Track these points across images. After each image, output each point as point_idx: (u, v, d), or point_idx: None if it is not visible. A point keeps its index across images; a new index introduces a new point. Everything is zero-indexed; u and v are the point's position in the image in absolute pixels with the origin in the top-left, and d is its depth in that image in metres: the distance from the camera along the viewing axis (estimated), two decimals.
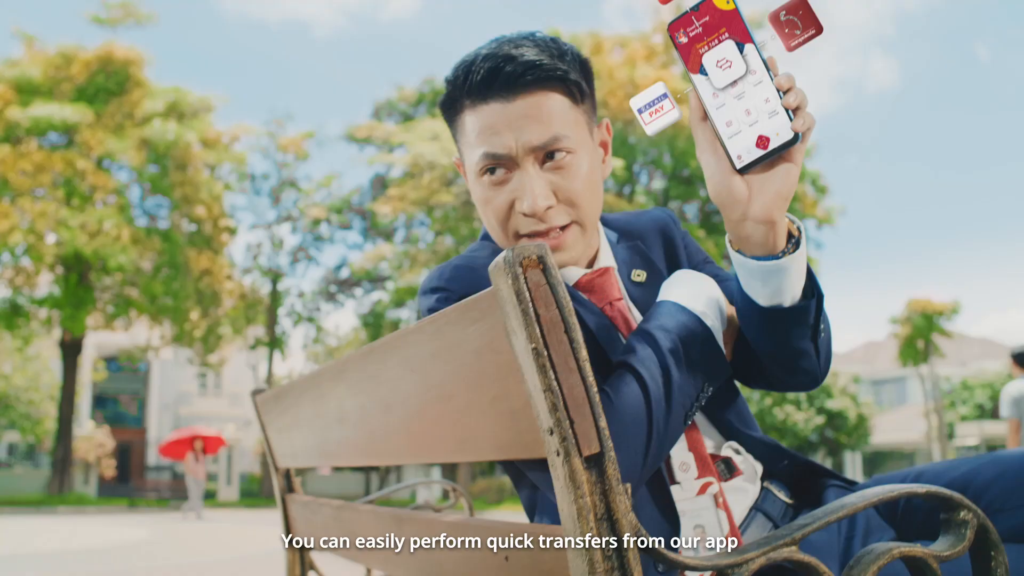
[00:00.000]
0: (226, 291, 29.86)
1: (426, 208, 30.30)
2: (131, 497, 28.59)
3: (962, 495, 1.17)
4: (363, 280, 33.36)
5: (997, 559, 1.17)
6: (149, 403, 42.10)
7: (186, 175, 27.30)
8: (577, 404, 1.00)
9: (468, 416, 1.24)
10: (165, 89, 27.81)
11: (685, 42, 1.27)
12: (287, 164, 32.84)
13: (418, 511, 1.66)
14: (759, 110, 1.24)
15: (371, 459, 1.72)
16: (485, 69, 1.47)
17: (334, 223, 33.61)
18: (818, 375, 1.51)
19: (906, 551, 1.13)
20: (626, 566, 1.00)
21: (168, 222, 28.20)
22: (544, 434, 1.03)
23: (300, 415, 2.16)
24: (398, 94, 35.94)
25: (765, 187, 1.27)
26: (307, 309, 33.95)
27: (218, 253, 29.09)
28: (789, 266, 1.33)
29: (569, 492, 1.00)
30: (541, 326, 1.00)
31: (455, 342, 1.21)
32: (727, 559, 1.07)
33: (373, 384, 1.57)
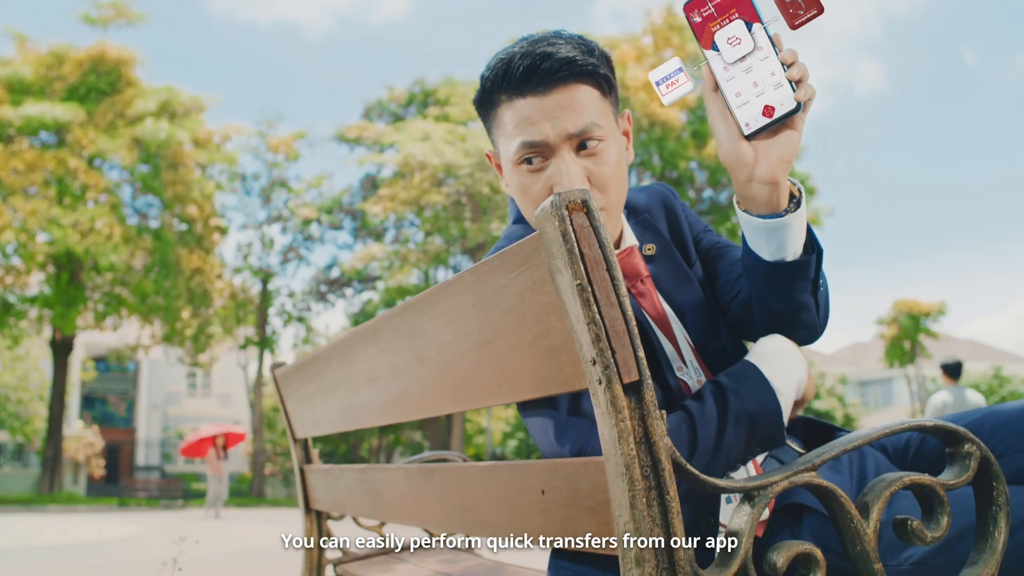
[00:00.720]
0: (217, 290, 29.87)
1: (416, 208, 30.37)
2: (121, 496, 28.53)
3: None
4: (353, 280, 33.42)
5: (998, 489, 1.27)
6: (138, 403, 42.02)
7: (177, 174, 27.30)
8: (618, 335, 1.09)
9: (507, 359, 1.33)
10: (157, 89, 27.80)
11: (699, 21, 1.39)
12: (278, 164, 32.85)
13: (448, 462, 1.75)
14: (765, 82, 1.37)
15: (402, 416, 1.81)
16: (524, 66, 1.57)
17: (324, 223, 33.65)
18: (817, 328, 1.61)
19: (915, 479, 1.22)
20: (663, 485, 1.09)
21: (159, 221, 28.19)
22: (587, 365, 1.12)
23: (325, 382, 2.24)
24: (388, 95, 36.00)
25: (770, 151, 1.40)
26: (297, 309, 33.98)
27: (209, 252, 29.07)
28: (791, 223, 1.45)
29: (610, 417, 1.09)
30: (585, 264, 1.10)
31: (496, 288, 1.30)
32: (754, 482, 1.16)
33: (407, 340, 1.66)
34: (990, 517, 1.27)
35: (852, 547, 1.18)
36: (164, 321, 27.94)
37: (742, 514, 1.16)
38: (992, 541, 1.26)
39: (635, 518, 1.08)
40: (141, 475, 35.22)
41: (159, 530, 14.88)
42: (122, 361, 39.43)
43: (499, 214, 29.60)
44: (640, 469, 1.09)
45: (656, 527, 1.08)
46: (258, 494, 32.09)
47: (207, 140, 28.66)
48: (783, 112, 1.37)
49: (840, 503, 1.18)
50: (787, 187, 1.45)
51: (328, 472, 2.54)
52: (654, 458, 1.09)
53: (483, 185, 29.09)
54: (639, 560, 1.08)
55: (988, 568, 1.24)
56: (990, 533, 1.26)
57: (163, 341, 29.09)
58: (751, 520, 1.14)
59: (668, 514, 1.08)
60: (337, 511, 2.53)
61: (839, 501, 1.18)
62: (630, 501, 1.08)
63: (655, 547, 1.08)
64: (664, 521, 1.08)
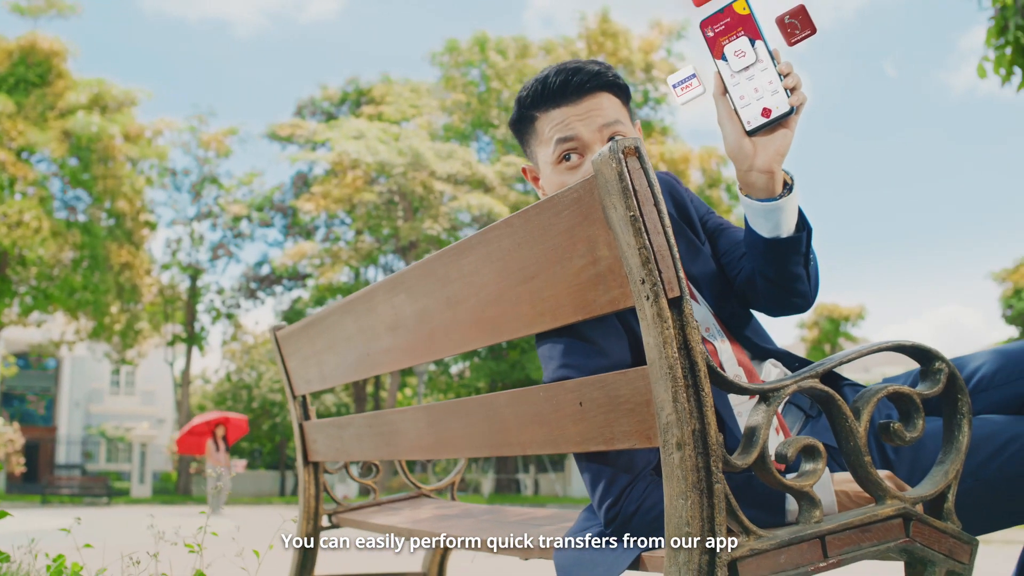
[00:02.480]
0: (145, 286, 29.53)
1: (349, 206, 30.35)
2: (43, 494, 28.06)
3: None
4: (283, 277, 33.28)
5: (962, 399, 1.51)
6: (59, 400, 41.29)
7: (108, 169, 26.93)
8: (664, 258, 1.32)
9: (550, 290, 1.55)
10: (88, 81, 27.40)
11: (712, 36, 1.66)
12: (209, 160, 32.56)
13: (471, 398, 1.95)
14: (764, 89, 1.64)
15: (428, 356, 2.01)
16: (559, 80, 1.88)
17: (255, 220, 33.45)
18: (810, 297, 1.90)
19: (896, 389, 1.47)
20: (699, 383, 1.32)
21: (87, 215, 27.81)
22: (635, 285, 1.34)
23: (339, 334, 2.43)
24: (321, 93, 35.94)
25: (767, 146, 1.68)
26: (226, 306, 33.73)
27: (138, 247, 28.73)
28: (785, 206, 1.73)
29: (656, 326, 1.32)
30: (638, 198, 1.32)
31: (544, 227, 1.52)
32: (768, 385, 1.40)
33: (439, 285, 1.87)
34: (955, 423, 1.52)
35: (846, 443, 1.42)
36: (92, 316, 27.57)
37: (759, 412, 1.39)
38: (957, 443, 1.51)
39: (677, 410, 1.30)
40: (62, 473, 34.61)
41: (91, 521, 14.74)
42: (44, 357, 38.71)
43: (431, 213, 29.72)
44: (681, 370, 1.31)
45: (693, 418, 1.31)
46: (184, 492, 31.79)
47: (138, 135, 28.29)
48: (779, 114, 1.64)
49: (838, 406, 1.41)
50: (781, 176, 1.72)
51: (332, 423, 2.73)
52: (692, 361, 1.32)
53: (416, 184, 29.20)
54: (680, 444, 1.30)
55: (954, 465, 1.49)
56: (955, 436, 1.51)
57: (90, 336, 28.70)
58: (767, 416, 1.37)
59: (703, 407, 1.31)
60: (341, 459, 2.72)
61: (836, 405, 1.42)
62: (672, 396, 1.31)
63: (693, 434, 1.30)
64: (700, 413, 1.31)
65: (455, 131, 33.70)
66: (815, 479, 1.39)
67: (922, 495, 1.46)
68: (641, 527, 1.65)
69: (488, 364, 31.56)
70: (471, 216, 30.27)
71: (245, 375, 36.76)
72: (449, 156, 29.84)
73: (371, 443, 2.45)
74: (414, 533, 2.41)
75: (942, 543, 1.46)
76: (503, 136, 33.06)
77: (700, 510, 1.30)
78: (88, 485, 28.50)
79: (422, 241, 30.25)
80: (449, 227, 30.08)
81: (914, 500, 1.45)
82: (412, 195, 29.78)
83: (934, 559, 1.45)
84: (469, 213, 29.90)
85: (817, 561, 1.37)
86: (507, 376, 31.03)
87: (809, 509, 1.39)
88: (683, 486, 1.30)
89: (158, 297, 31.51)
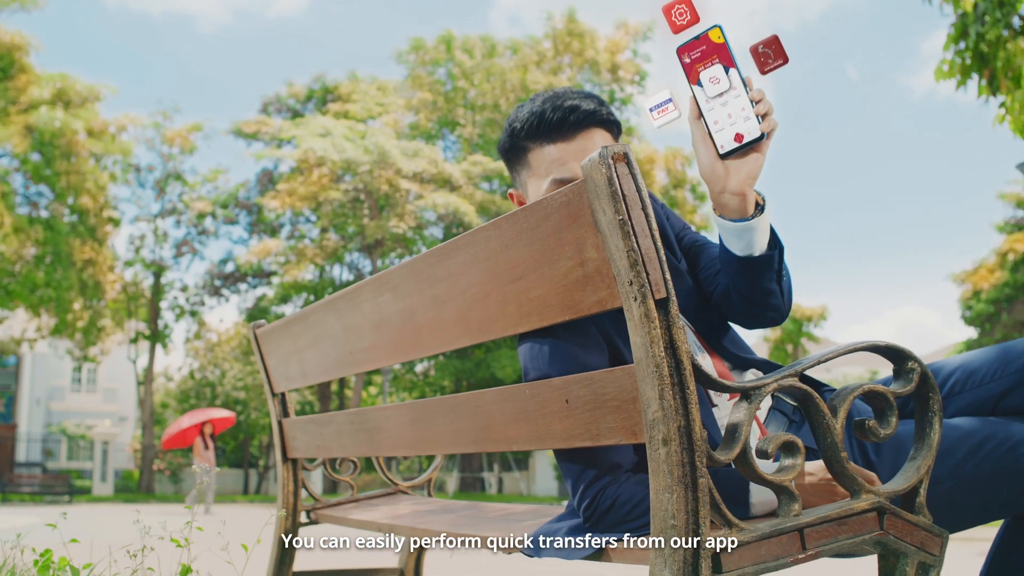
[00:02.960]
0: (109, 283, 29.26)
1: (314, 204, 30.24)
2: (2, 492, 27.76)
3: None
4: (248, 275, 33.07)
5: (934, 398, 1.58)
6: (19, 398, 40.81)
7: (71, 164, 26.67)
8: (651, 260, 1.37)
9: (538, 290, 1.59)
10: (51, 76, 27.06)
11: (688, 62, 1.71)
12: (173, 156, 32.29)
13: (456, 396, 1.99)
14: (737, 115, 1.70)
15: (413, 354, 2.05)
16: (556, 118, 1.93)
17: (219, 217, 33.20)
18: (783, 310, 1.97)
19: (871, 387, 1.53)
20: (684, 381, 1.37)
21: (49, 211, 27.52)
22: (623, 286, 1.39)
23: (321, 332, 2.47)
24: (287, 90, 35.76)
25: (740, 170, 1.74)
26: (190, 303, 33.47)
27: (102, 244, 28.46)
28: (756, 226, 1.79)
29: (644, 326, 1.37)
30: (626, 202, 1.37)
31: (532, 229, 1.56)
32: (749, 383, 1.45)
33: (426, 285, 1.91)
34: (927, 420, 1.58)
35: (824, 439, 1.48)
36: (54, 313, 27.28)
37: (741, 409, 1.44)
38: (928, 440, 1.57)
39: (663, 407, 1.35)
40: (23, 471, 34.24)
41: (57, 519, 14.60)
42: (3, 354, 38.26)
43: (397, 212, 29.67)
44: (667, 368, 1.36)
45: (679, 415, 1.36)
46: (147, 490, 31.55)
47: (102, 130, 27.98)
48: (750, 139, 1.70)
49: (816, 404, 1.47)
50: (753, 197, 1.78)
51: (313, 421, 2.76)
52: (677, 360, 1.37)
53: (382, 183, 29.14)
54: (666, 440, 1.35)
55: (926, 461, 1.55)
56: (927, 433, 1.57)
57: (52, 333, 28.40)
58: (748, 413, 1.43)
59: (688, 404, 1.36)
60: (322, 455, 2.75)
61: (815, 402, 1.47)
62: (659, 394, 1.36)
63: (679, 430, 1.35)
64: (685, 410, 1.36)
65: (421, 130, 33.66)
66: (794, 474, 1.44)
67: (895, 490, 1.52)
68: (614, 522, 1.72)
69: (453, 363, 31.55)
70: (437, 215, 30.25)
71: (209, 373, 36.51)
72: (415, 154, 29.79)
73: (353, 440, 2.49)
74: (395, 529, 2.45)
75: (914, 536, 1.52)
76: (469, 135, 33.07)
77: (685, 504, 1.35)
78: (49, 483, 28.21)
79: (388, 239, 30.19)
80: (415, 226, 30.05)
81: (888, 495, 1.50)
82: (378, 193, 29.71)
83: (907, 551, 1.50)
84: (435, 212, 29.86)
85: (796, 553, 1.42)
86: (472, 375, 31.04)
87: (788, 503, 1.45)
88: (669, 480, 1.35)
89: (121, 294, 31.22)
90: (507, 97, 31.72)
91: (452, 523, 2.29)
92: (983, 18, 9.46)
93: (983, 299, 30.88)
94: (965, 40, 9.71)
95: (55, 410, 41.74)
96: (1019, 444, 1.70)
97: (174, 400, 39.28)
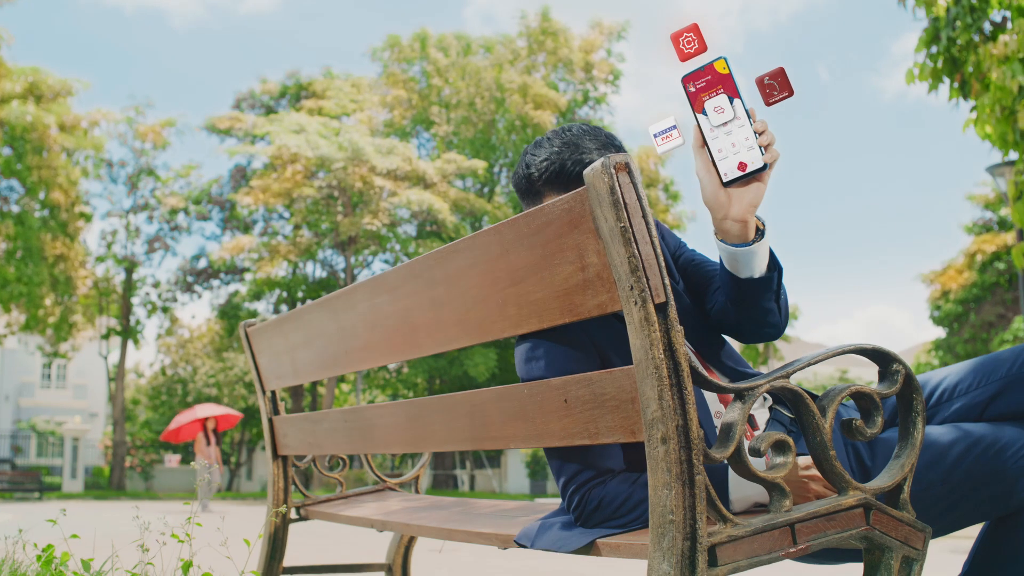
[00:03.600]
0: (80, 278, 29.07)
1: (288, 200, 30.13)
2: None
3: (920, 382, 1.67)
4: (221, 271, 32.93)
5: (917, 399, 1.64)
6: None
7: (42, 159, 26.46)
8: (651, 266, 1.43)
9: (538, 293, 1.65)
10: (23, 70, 26.81)
11: (694, 91, 1.76)
12: (145, 152, 32.11)
13: (453, 395, 2.05)
14: (741, 144, 1.75)
15: (410, 353, 2.10)
16: (576, 172, 2.01)
17: (192, 213, 33.04)
18: (780, 327, 2.03)
19: (858, 388, 1.59)
20: (682, 382, 1.43)
21: (20, 206, 27.28)
22: (624, 291, 1.45)
23: (315, 331, 2.51)
24: (261, 86, 35.62)
25: (742, 197, 1.79)
26: (162, 299, 33.29)
27: (73, 239, 28.26)
28: (757, 251, 1.85)
29: (643, 330, 1.43)
30: (628, 210, 1.43)
31: (533, 234, 1.62)
32: (744, 385, 1.51)
33: (424, 287, 1.96)
34: (911, 420, 1.64)
35: (813, 438, 1.54)
36: (25, 308, 27.06)
37: (735, 409, 1.50)
38: (911, 439, 1.64)
39: (662, 407, 1.41)
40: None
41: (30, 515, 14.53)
42: None
43: (371, 209, 29.62)
44: (666, 369, 1.42)
45: (677, 414, 1.42)
46: (118, 487, 31.36)
47: (74, 125, 27.77)
48: (753, 168, 1.75)
49: (806, 404, 1.53)
50: (754, 223, 1.84)
51: (305, 418, 2.80)
52: (675, 362, 1.43)
53: (356, 179, 29.08)
54: (665, 439, 1.41)
55: (910, 459, 1.62)
56: (910, 432, 1.64)
57: (23, 329, 28.18)
58: (742, 413, 1.49)
59: (685, 404, 1.42)
60: (313, 452, 2.79)
61: (805, 403, 1.54)
62: (658, 394, 1.42)
63: (677, 429, 1.41)
64: (683, 410, 1.42)
65: (396, 127, 33.63)
66: (785, 471, 1.50)
67: (881, 487, 1.59)
68: (601, 520, 1.81)
69: (426, 361, 31.53)
70: (411, 212, 30.22)
71: (180, 369, 36.33)
72: (389, 152, 29.74)
73: (346, 437, 2.53)
74: (388, 526, 2.50)
75: (899, 530, 1.58)
76: (444, 133, 33.07)
77: (683, 499, 1.41)
78: (19, 480, 27.97)
79: (361, 236, 30.13)
80: (389, 223, 30.01)
81: (874, 491, 1.57)
82: (352, 190, 29.64)
83: (891, 545, 1.57)
84: (409, 209, 29.82)
85: (787, 546, 1.48)
86: (445, 372, 31.04)
87: (780, 499, 1.51)
88: (667, 477, 1.41)
89: (93, 290, 31.02)
90: (482, 96, 31.74)
91: (445, 519, 2.35)
92: (954, 23, 9.60)
93: (951, 299, 31.20)
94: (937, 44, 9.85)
95: (24, 406, 41.42)
96: (1005, 448, 1.79)
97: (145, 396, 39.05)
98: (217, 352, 35.46)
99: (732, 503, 1.72)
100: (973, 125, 9.41)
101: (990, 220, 31.92)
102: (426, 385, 32.59)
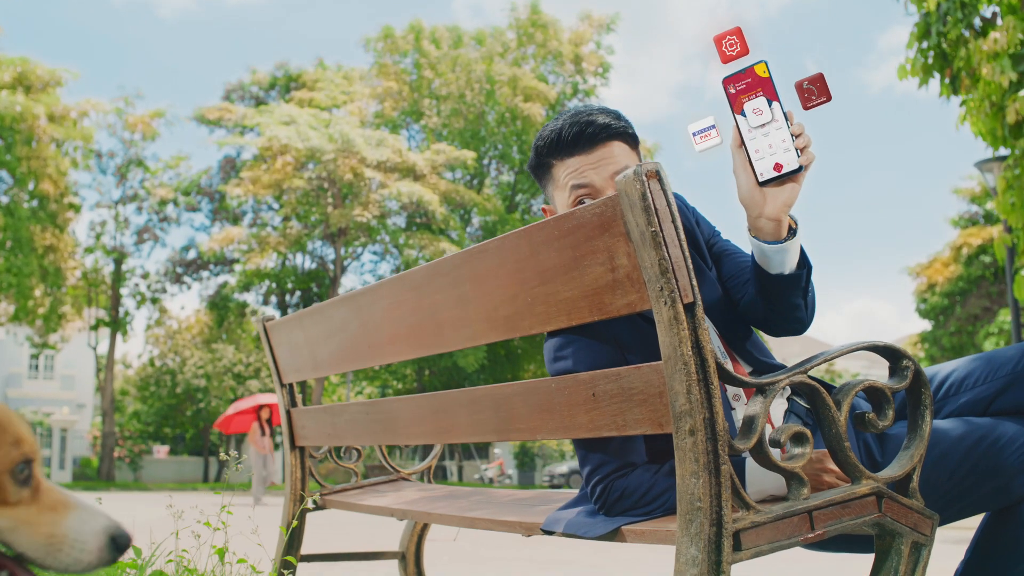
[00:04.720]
0: (69, 269, 29.03)
1: (277, 192, 30.14)
2: None
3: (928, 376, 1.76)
4: (210, 262, 32.93)
5: (925, 392, 1.74)
6: None
7: (31, 149, 26.42)
8: (680, 268, 1.52)
9: (567, 292, 1.74)
10: (12, 60, 26.74)
11: (733, 92, 1.84)
12: (135, 143, 32.03)
13: (477, 388, 2.13)
14: (777, 146, 1.83)
15: (434, 348, 2.19)
16: (572, 133, 2.09)
17: (181, 204, 33.01)
18: (806, 322, 2.11)
19: (870, 383, 1.68)
20: (708, 377, 1.52)
21: (9, 197, 27.22)
22: (653, 291, 1.54)
23: (337, 326, 2.59)
24: (251, 77, 35.60)
25: (777, 197, 1.87)
26: (151, 290, 33.26)
27: (62, 230, 28.22)
28: (789, 248, 1.93)
29: (673, 328, 1.52)
30: (659, 215, 1.52)
31: (563, 236, 1.70)
32: (765, 379, 1.60)
33: (450, 285, 2.05)
34: (919, 413, 1.74)
35: (828, 430, 1.64)
36: (14, 299, 27.02)
37: (756, 402, 1.59)
38: (920, 431, 1.73)
39: (690, 401, 1.50)
40: None
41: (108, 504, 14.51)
42: None
43: (360, 200, 29.63)
44: (694, 365, 1.51)
45: (704, 408, 1.51)
46: (107, 478, 31.37)
47: (63, 115, 27.70)
48: (788, 170, 1.82)
49: (822, 397, 1.63)
50: (787, 222, 1.92)
51: (324, 411, 2.88)
52: (703, 358, 1.52)
53: (346, 171, 29.10)
54: (692, 430, 1.50)
55: (919, 449, 1.72)
56: (919, 425, 1.74)
57: (12, 320, 28.14)
58: (764, 406, 1.58)
59: (712, 399, 1.51)
60: (333, 443, 2.87)
61: (821, 396, 1.63)
62: (687, 389, 1.51)
63: (704, 421, 1.50)
64: (709, 404, 1.51)
65: (386, 119, 33.65)
66: (803, 461, 1.59)
67: (892, 476, 1.68)
68: (623, 509, 1.91)
69: None
70: (400, 203, 30.26)
71: (169, 360, 36.35)
72: (379, 143, 29.77)
73: (367, 429, 2.62)
74: (408, 515, 2.58)
75: (908, 518, 1.68)
76: (434, 125, 33.11)
77: (710, 488, 1.50)
78: None
79: (351, 228, 30.17)
80: (379, 214, 30.05)
81: (885, 480, 1.66)
82: (342, 182, 29.67)
83: (902, 532, 1.67)
84: (399, 200, 29.86)
85: (806, 532, 1.58)
86: (434, 363, 31.15)
87: (798, 487, 1.60)
88: (695, 467, 1.50)
89: (82, 281, 31.00)
90: (472, 88, 31.78)
91: (466, 508, 2.43)
92: (945, 17, 9.71)
93: (937, 292, 31.44)
94: (927, 39, 9.96)
95: (12, 397, 41.28)
96: (1008, 443, 1.89)
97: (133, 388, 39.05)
98: (206, 343, 35.51)
99: (749, 495, 1.80)
100: (967, 119, 9.52)
101: (976, 214, 32.15)
102: (415, 376, 32.69)
